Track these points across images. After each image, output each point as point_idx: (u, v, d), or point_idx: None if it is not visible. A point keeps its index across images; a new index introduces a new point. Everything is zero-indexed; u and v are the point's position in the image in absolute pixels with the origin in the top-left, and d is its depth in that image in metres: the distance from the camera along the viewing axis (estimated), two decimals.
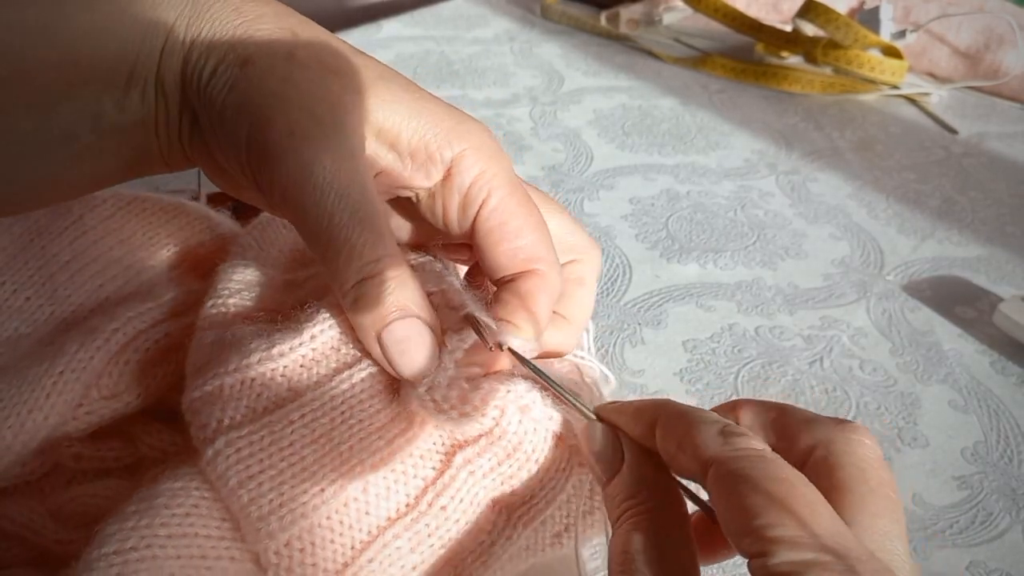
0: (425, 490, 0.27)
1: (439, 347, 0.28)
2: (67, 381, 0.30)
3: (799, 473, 0.22)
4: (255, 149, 0.27)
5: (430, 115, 0.29)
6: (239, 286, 0.32)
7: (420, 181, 0.29)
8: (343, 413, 0.27)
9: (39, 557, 0.31)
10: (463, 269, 0.34)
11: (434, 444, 0.28)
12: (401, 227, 0.33)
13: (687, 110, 0.72)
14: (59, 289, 0.33)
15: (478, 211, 0.29)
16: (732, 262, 0.53)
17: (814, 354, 0.46)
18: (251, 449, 0.25)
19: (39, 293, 0.33)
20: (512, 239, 0.30)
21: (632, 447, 0.26)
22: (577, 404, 0.27)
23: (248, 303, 0.31)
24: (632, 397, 0.42)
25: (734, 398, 0.43)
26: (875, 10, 0.78)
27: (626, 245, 0.54)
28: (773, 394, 0.43)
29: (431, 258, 0.32)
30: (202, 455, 0.26)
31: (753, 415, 0.26)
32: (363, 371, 0.28)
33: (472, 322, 0.28)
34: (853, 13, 0.82)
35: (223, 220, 0.38)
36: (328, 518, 0.26)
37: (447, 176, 0.29)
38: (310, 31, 0.29)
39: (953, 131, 0.72)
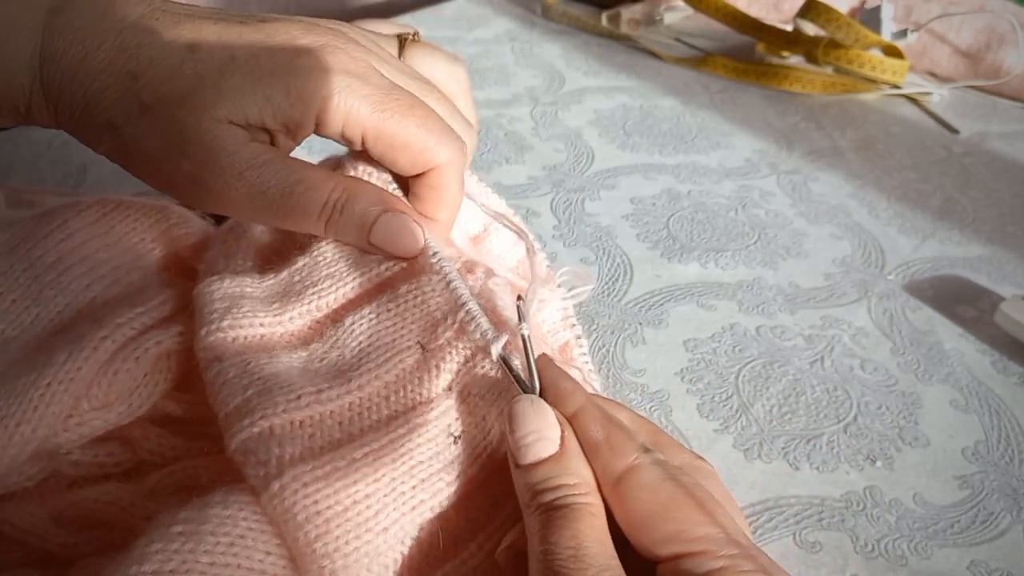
0: (477, 533, 0.28)
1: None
2: (55, 393, 0.29)
3: (702, 484, 0.25)
4: (180, 201, 0.32)
5: (280, 88, 0.30)
6: (224, 303, 0.31)
7: (301, 139, 0.32)
8: (403, 455, 0.27)
9: (42, 560, 0.30)
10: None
11: (498, 489, 0.28)
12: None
13: (688, 110, 0.72)
14: (45, 290, 0.33)
15: (363, 145, 0.32)
16: (733, 262, 0.53)
17: (815, 353, 0.46)
18: (317, 485, 0.25)
19: (25, 295, 0.33)
20: (401, 151, 0.32)
21: (564, 421, 0.27)
22: (532, 378, 0.28)
23: (244, 324, 0.31)
24: (633, 397, 0.42)
25: (735, 397, 0.43)
26: (876, 10, 0.78)
27: (627, 245, 0.54)
28: (774, 393, 0.43)
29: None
30: (263, 490, 0.25)
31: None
32: (419, 417, 0.28)
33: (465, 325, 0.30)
34: (854, 13, 0.82)
35: (205, 223, 0.37)
36: (394, 560, 0.26)
37: (319, 127, 0.32)
38: (142, 47, 0.30)
39: (954, 131, 0.72)
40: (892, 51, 0.76)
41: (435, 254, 0.32)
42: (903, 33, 0.78)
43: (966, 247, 0.56)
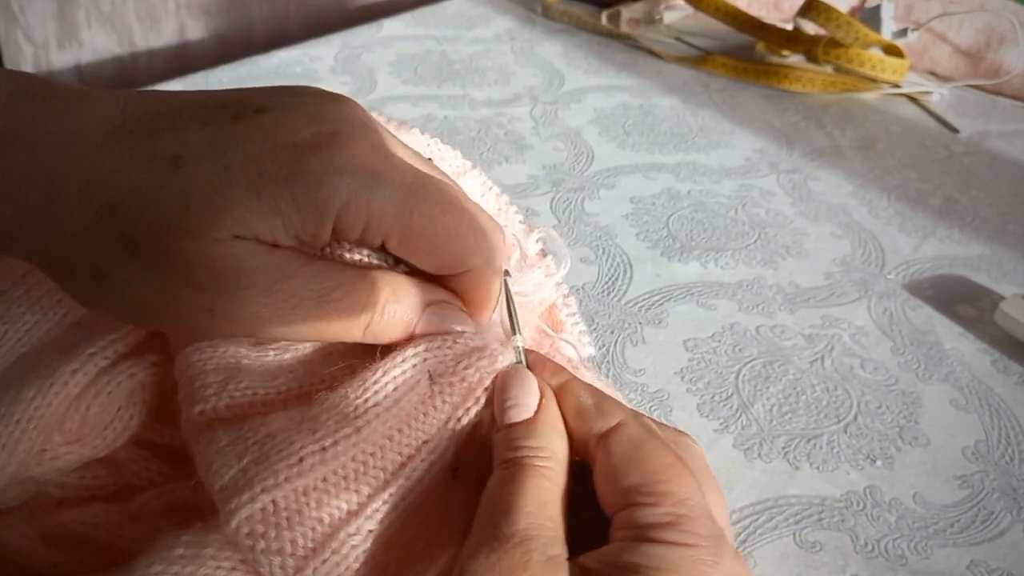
0: None
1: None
2: (24, 431, 0.28)
3: (680, 455, 0.26)
4: (183, 333, 0.28)
5: (288, 199, 0.25)
6: (219, 376, 0.29)
7: (319, 247, 0.28)
8: (414, 513, 0.26)
9: None
10: None
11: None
12: None
13: (688, 109, 0.72)
14: (13, 307, 0.31)
15: (381, 246, 0.28)
16: (733, 261, 0.53)
17: (815, 353, 0.46)
18: (338, 571, 0.24)
19: None
20: (428, 256, 0.28)
21: (548, 392, 0.28)
22: (519, 348, 0.29)
23: (244, 404, 0.28)
24: (633, 397, 0.42)
25: (735, 397, 0.43)
26: (876, 8, 0.78)
27: (627, 244, 0.54)
28: (774, 392, 0.43)
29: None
30: None
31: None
32: (423, 463, 0.27)
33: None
34: (854, 12, 0.82)
35: None
36: None
37: (335, 235, 0.27)
38: (117, 172, 0.25)
39: (954, 130, 0.71)
40: (892, 50, 0.76)
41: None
42: (903, 32, 0.77)
43: (966, 246, 0.56)
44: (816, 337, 0.47)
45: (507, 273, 0.30)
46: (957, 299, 0.51)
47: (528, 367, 0.29)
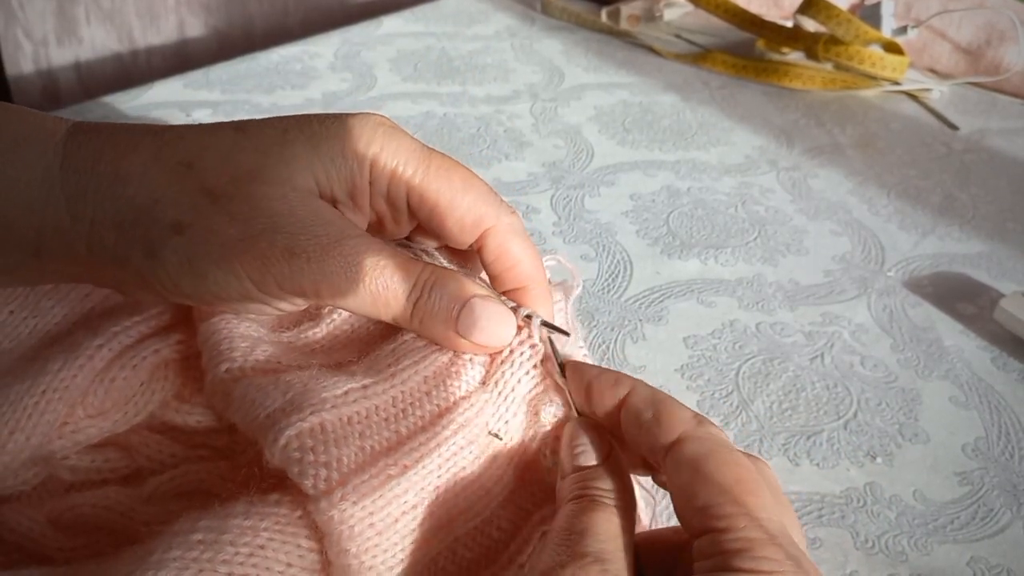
0: (508, 543, 0.28)
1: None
2: (49, 401, 0.29)
3: (752, 464, 0.25)
4: (263, 287, 0.28)
5: (337, 150, 0.29)
6: (245, 342, 0.30)
7: (365, 213, 0.31)
8: (448, 461, 0.27)
9: (42, 562, 0.30)
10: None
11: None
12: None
13: (688, 106, 0.72)
14: (43, 300, 0.32)
15: (408, 205, 0.31)
16: (733, 258, 0.53)
17: (815, 350, 0.46)
18: (373, 496, 0.25)
19: (23, 306, 0.32)
20: (448, 211, 0.31)
21: (614, 443, 0.28)
22: (571, 400, 0.29)
23: (267, 369, 0.30)
24: None
25: (735, 394, 0.43)
26: (876, 6, 0.78)
27: (627, 241, 0.54)
28: (774, 390, 0.43)
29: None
30: (322, 497, 0.25)
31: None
32: (461, 416, 0.28)
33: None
34: (854, 9, 0.82)
35: None
36: (430, 571, 0.27)
37: (370, 187, 0.30)
38: (185, 138, 0.29)
39: (954, 127, 0.71)
40: (892, 47, 0.76)
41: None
42: (903, 29, 0.77)
43: (966, 243, 0.56)
44: (816, 334, 0.47)
45: (529, 317, 0.31)
46: (957, 296, 0.51)
47: (588, 375, 0.29)
